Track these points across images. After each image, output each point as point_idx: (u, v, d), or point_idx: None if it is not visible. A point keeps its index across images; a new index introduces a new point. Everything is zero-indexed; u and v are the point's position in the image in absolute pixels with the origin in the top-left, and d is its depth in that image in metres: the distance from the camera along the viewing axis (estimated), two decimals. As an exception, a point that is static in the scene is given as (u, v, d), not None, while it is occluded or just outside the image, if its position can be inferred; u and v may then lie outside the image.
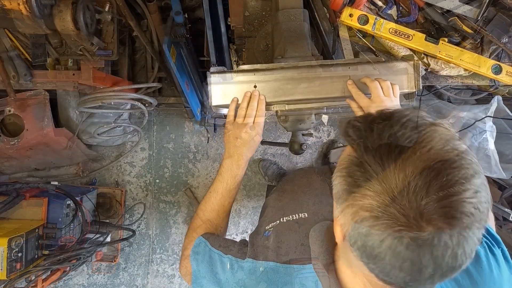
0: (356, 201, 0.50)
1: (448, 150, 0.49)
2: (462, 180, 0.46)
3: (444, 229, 0.46)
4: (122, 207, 2.37)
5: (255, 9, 1.29)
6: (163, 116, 2.41)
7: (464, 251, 0.47)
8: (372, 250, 0.50)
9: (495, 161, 1.61)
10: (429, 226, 0.46)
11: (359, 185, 0.50)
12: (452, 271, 0.49)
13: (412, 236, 0.46)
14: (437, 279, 0.49)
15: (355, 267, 0.62)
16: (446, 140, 0.50)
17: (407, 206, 0.46)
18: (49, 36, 1.54)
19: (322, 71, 1.03)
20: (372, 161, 0.50)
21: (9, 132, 1.86)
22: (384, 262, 0.50)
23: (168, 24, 1.41)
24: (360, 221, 0.50)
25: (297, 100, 1.06)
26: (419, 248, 0.47)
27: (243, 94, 1.04)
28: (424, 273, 0.48)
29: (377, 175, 0.49)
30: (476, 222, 0.47)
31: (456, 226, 0.46)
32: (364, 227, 0.50)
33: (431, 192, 0.46)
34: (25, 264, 1.53)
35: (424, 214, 0.46)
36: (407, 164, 0.48)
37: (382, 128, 0.51)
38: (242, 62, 1.46)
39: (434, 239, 0.46)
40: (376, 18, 1.25)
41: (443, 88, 1.79)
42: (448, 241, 0.46)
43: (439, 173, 0.47)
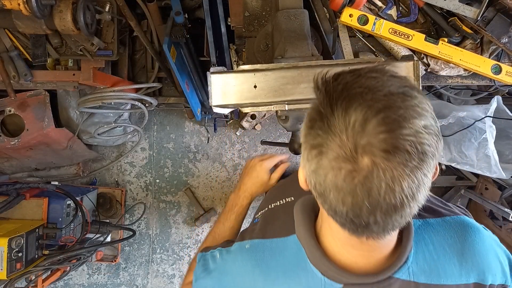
0: (309, 141, 0.53)
1: (394, 93, 0.50)
2: (401, 119, 0.48)
3: (378, 163, 0.47)
4: (122, 207, 2.37)
5: (255, 9, 1.29)
6: (163, 116, 2.42)
7: (401, 189, 0.48)
8: (320, 186, 0.53)
9: (495, 161, 1.61)
10: (365, 159, 0.47)
11: (312, 126, 0.53)
12: (395, 211, 0.50)
13: (349, 168, 0.48)
14: (380, 217, 0.50)
15: (326, 221, 0.65)
16: (398, 86, 0.51)
17: (346, 141, 0.48)
18: (49, 36, 1.54)
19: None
20: (326, 104, 0.52)
21: (9, 132, 1.86)
22: (330, 198, 0.52)
23: (168, 24, 1.41)
24: (311, 158, 0.53)
25: (297, 100, 1.06)
26: (355, 180, 0.48)
27: (243, 94, 1.04)
28: (363, 207, 0.49)
29: (328, 117, 0.51)
30: (414, 161, 0.47)
31: (390, 160, 0.47)
32: (313, 164, 0.52)
33: (370, 128, 0.47)
34: (25, 264, 1.53)
35: (360, 147, 0.48)
36: (353, 105, 0.49)
37: (343, 77, 0.53)
38: (242, 62, 1.46)
39: (368, 172, 0.47)
40: (376, 18, 1.25)
41: (443, 88, 1.80)
42: (382, 174, 0.47)
43: (379, 111, 0.48)
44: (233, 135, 2.39)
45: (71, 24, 1.36)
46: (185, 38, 1.42)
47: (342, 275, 0.63)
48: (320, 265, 0.66)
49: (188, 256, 2.43)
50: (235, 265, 0.75)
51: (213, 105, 1.06)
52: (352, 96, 0.50)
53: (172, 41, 1.40)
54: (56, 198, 1.77)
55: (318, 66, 1.04)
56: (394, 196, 0.48)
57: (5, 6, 1.25)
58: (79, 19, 1.36)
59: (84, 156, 2.21)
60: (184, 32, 1.38)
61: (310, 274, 0.67)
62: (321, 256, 0.65)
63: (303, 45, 1.09)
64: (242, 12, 1.25)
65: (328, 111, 0.51)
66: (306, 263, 0.67)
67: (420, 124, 0.48)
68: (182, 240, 2.43)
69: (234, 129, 2.39)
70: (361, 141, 0.47)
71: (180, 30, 1.37)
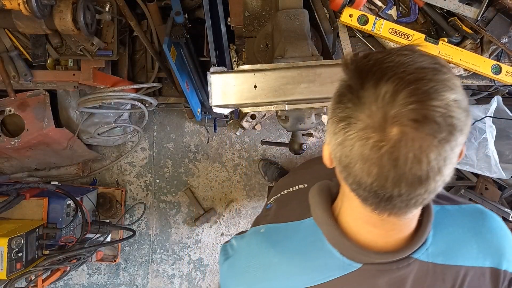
0: (337, 115, 0.53)
1: (425, 68, 0.50)
2: (432, 91, 0.48)
3: (407, 132, 0.47)
4: (122, 207, 2.37)
5: (255, 9, 1.29)
6: (163, 116, 2.42)
7: (428, 160, 0.48)
8: (346, 158, 0.53)
9: (495, 161, 1.61)
10: (394, 129, 0.47)
11: (341, 100, 0.54)
12: (420, 183, 0.50)
13: (377, 138, 0.48)
14: (404, 189, 0.50)
15: (347, 200, 0.64)
16: (429, 62, 0.51)
17: (376, 111, 0.49)
18: (49, 36, 1.54)
19: (322, 71, 1.03)
20: (357, 77, 0.52)
21: (9, 132, 1.86)
22: (355, 170, 0.52)
23: (168, 24, 1.41)
24: (338, 131, 0.53)
25: (297, 100, 1.06)
26: (382, 150, 0.48)
27: (243, 94, 1.04)
28: (388, 178, 0.49)
29: (358, 89, 0.51)
30: (442, 132, 0.48)
31: (419, 130, 0.47)
32: (340, 136, 0.52)
33: (400, 99, 0.48)
34: (25, 264, 1.53)
35: (389, 117, 0.48)
36: (384, 78, 0.50)
37: (374, 55, 0.54)
38: (242, 62, 1.46)
39: (396, 141, 0.47)
40: (376, 18, 1.25)
41: (443, 88, 1.79)
42: (410, 144, 0.47)
43: (410, 83, 0.48)
44: (233, 135, 2.39)
45: (71, 24, 1.36)
46: (185, 38, 1.42)
47: (362, 253, 0.63)
48: (339, 245, 0.65)
49: (188, 256, 2.43)
50: (250, 247, 0.75)
51: (213, 105, 1.06)
52: (383, 70, 0.50)
53: (172, 41, 1.40)
54: (56, 198, 1.77)
55: (318, 66, 1.04)
56: (420, 168, 0.48)
57: (5, 6, 1.25)
58: (79, 19, 1.36)
59: (84, 156, 2.21)
60: (184, 32, 1.38)
61: (327, 254, 0.66)
62: (340, 235, 0.65)
63: (303, 45, 1.09)
64: (242, 12, 1.25)
65: (358, 84, 0.51)
66: (323, 243, 0.67)
67: (450, 97, 0.48)
68: (182, 240, 2.43)
69: (234, 129, 2.39)
70: (391, 111, 0.48)
71: (180, 30, 1.37)
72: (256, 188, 2.39)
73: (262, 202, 2.38)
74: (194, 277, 2.43)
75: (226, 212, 2.41)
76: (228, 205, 2.41)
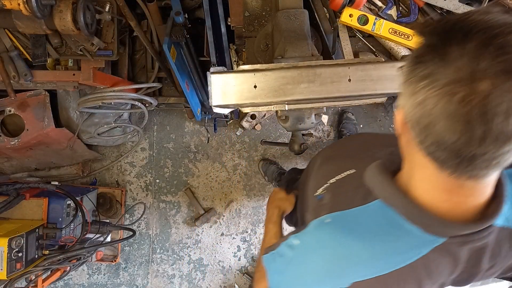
0: (417, 74, 0.51)
1: (510, 21, 0.49)
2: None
3: (498, 84, 0.45)
4: (122, 207, 2.37)
5: (255, 9, 1.29)
6: (163, 116, 2.41)
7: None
8: (426, 118, 0.51)
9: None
10: (483, 82, 0.45)
11: (421, 61, 0.51)
12: (505, 141, 0.48)
13: (465, 93, 0.46)
14: (489, 147, 0.48)
15: (418, 169, 0.61)
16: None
17: (463, 66, 0.47)
18: (49, 36, 1.54)
19: (322, 71, 1.03)
20: (437, 38, 0.51)
21: (9, 132, 1.86)
22: (436, 129, 0.50)
23: (168, 24, 1.41)
24: (418, 91, 0.51)
25: (297, 100, 1.06)
26: (470, 104, 0.46)
27: (243, 94, 1.04)
28: (474, 134, 0.47)
29: (441, 46, 0.49)
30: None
31: (511, 81, 0.45)
32: (420, 96, 0.50)
33: (488, 52, 0.46)
34: (25, 264, 1.53)
35: (478, 70, 0.46)
36: (469, 34, 0.48)
37: (451, 17, 0.52)
38: (242, 62, 1.47)
39: (486, 95, 0.45)
40: (376, 18, 1.25)
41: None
42: (500, 98, 0.45)
43: (498, 36, 0.47)
44: (233, 135, 2.39)
45: (71, 24, 1.36)
46: (185, 38, 1.42)
47: (448, 226, 0.61)
48: (420, 222, 0.63)
49: (188, 256, 2.43)
50: (320, 240, 0.71)
51: (213, 105, 1.06)
52: (467, 27, 0.49)
53: (172, 41, 1.40)
54: (56, 198, 1.77)
55: (318, 66, 1.04)
56: (508, 123, 0.46)
57: (5, 6, 1.25)
58: (79, 19, 1.36)
59: (84, 156, 2.21)
60: (184, 32, 1.38)
61: (408, 234, 0.64)
62: (420, 212, 0.62)
63: (303, 45, 1.09)
64: (242, 12, 1.25)
65: (441, 42, 0.50)
66: (401, 223, 0.64)
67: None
68: (182, 240, 2.43)
69: (234, 129, 2.39)
70: (480, 64, 0.46)
71: (180, 30, 1.37)
72: (256, 188, 2.39)
73: (262, 202, 2.38)
74: (194, 277, 2.43)
75: (226, 212, 2.41)
76: (228, 205, 2.41)
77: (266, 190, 2.38)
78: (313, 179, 1.03)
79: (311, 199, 0.90)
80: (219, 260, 2.42)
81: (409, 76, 0.53)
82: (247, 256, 2.41)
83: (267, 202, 1.31)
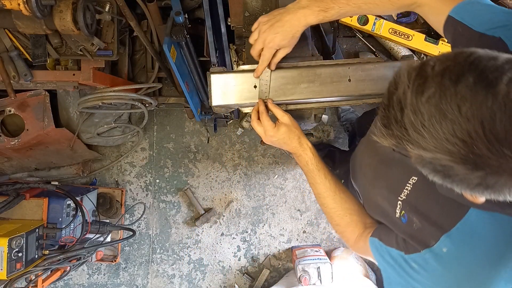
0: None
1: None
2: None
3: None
4: (123, 207, 2.37)
5: (255, 9, 1.29)
6: (163, 116, 2.42)
7: None
8: None
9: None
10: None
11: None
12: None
13: None
14: None
15: None
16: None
17: None
18: (49, 36, 1.54)
19: (322, 71, 1.03)
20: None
21: (9, 132, 1.86)
22: None
23: (168, 24, 1.41)
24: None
25: (297, 100, 1.06)
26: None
27: (243, 94, 1.04)
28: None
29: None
30: None
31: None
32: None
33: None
34: (25, 264, 1.53)
35: None
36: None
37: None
38: (242, 62, 1.47)
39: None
40: (376, 18, 1.25)
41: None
42: None
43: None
44: (233, 135, 2.39)
45: (71, 24, 1.36)
46: (185, 38, 1.42)
47: None
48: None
49: (188, 256, 2.43)
50: (450, 271, 0.70)
51: (213, 105, 1.06)
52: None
53: (172, 41, 1.40)
54: (56, 198, 1.77)
55: (318, 66, 1.04)
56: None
57: (5, 6, 1.25)
58: (79, 19, 1.36)
59: (84, 156, 2.21)
60: (184, 32, 1.38)
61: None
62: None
63: (303, 45, 1.09)
64: (242, 12, 1.25)
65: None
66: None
67: None
68: (182, 240, 2.43)
69: (234, 129, 2.39)
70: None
71: (180, 30, 1.37)
72: (256, 188, 2.39)
73: (262, 202, 2.38)
74: (194, 277, 2.43)
75: (226, 212, 2.41)
76: (228, 205, 2.41)
77: (266, 190, 2.38)
78: (374, 191, 0.96)
79: (390, 217, 0.85)
80: (219, 260, 2.42)
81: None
82: (247, 256, 2.41)
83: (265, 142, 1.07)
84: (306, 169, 1.01)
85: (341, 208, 0.99)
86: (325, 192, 0.99)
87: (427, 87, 0.52)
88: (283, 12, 0.92)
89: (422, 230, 0.75)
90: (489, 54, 0.51)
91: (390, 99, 0.57)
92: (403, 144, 0.56)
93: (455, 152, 0.50)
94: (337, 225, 1.01)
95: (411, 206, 0.79)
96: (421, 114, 0.52)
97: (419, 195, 0.79)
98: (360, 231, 0.97)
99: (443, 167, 0.53)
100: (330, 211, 1.00)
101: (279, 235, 2.39)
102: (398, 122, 0.55)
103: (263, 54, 0.96)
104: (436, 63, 0.54)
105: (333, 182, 0.99)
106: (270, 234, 2.39)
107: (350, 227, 0.99)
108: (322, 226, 2.37)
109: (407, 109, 0.53)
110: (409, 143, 0.55)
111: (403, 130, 0.55)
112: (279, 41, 0.93)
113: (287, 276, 2.30)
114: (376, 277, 2.25)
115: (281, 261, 2.40)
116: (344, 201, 0.99)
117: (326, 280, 1.98)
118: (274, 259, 2.40)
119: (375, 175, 0.98)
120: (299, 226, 2.38)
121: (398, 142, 0.57)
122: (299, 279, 2.01)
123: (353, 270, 2.13)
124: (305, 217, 2.37)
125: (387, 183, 0.90)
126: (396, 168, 0.88)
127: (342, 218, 0.99)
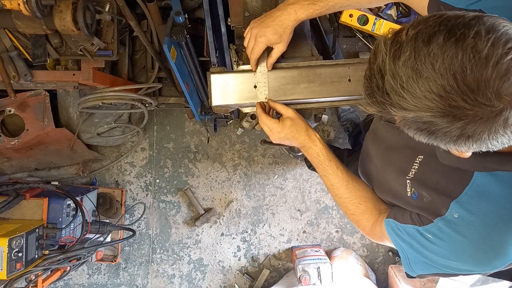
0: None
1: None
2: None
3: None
4: (123, 207, 2.37)
5: (255, 9, 1.29)
6: (163, 116, 2.42)
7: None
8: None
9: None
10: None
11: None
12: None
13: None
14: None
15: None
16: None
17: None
18: (49, 36, 1.54)
19: (322, 71, 1.03)
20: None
21: (9, 132, 1.86)
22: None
23: (168, 24, 1.41)
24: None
25: (297, 100, 1.06)
26: None
27: (243, 94, 1.04)
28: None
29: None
30: None
31: None
32: None
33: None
34: (25, 264, 1.53)
35: None
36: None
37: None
38: (242, 62, 1.46)
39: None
40: (376, 18, 1.25)
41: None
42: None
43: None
44: (233, 135, 2.39)
45: (71, 24, 1.36)
46: (185, 38, 1.42)
47: None
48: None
49: (188, 256, 2.43)
50: (462, 235, 0.72)
51: (213, 105, 1.06)
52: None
53: (172, 41, 1.40)
54: (56, 198, 1.77)
55: (318, 66, 1.04)
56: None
57: (5, 6, 1.25)
58: (79, 19, 1.36)
59: (84, 156, 2.21)
60: (184, 32, 1.38)
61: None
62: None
63: (303, 45, 1.09)
64: (242, 12, 1.25)
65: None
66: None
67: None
68: (182, 240, 2.43)
69: (234, 129, 2.39)
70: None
71: (180, 30, 1.37)
72: (256, 188, 2.39)
73: (262, 202, 2.38)
74: (194, 277, 2.43)
75: (226, 212, 2.41)
76: (228, 205, 2.41)
77: (266, 190, 2.38)
78: (384, 177, 0.98)
79: (403, 198, 0.87)
80: (219, 260, 2.42)
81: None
82: (247, 256, 2.41)
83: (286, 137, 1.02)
84: (317, 160, 1.01)
85: (356, 197, 0.99)
86: (338, 183, 0.99)
87: (403, 51, 0.55)
88: (273, 10, 0.96)
89: (433, 202, 0.78)
90: (457, 14, 0.55)
91: (371, 69, 0.60)
92: (387, 109, 0.59)
93: (434, 107, 0.54)
94: (352, 215, 1.02)
95: (420, 182, 0.82)
96: (400, 77, 0.55)
97: (426, 170, 0.82)
98: (375, 217, 0.98)
99: (425, 124, 0.56)
100: (344, 201, 1.01)
101: (279, 235, 2.39)
102: (380, 89, 0.58)
103: (254, 47, 0.98)
104: (409, 29, 0.57)
105: (345, 171, 1.00)
106: (270, 234, 2.39)
107: (365, 214, 1.00)
108: (322, 226, 2.37)
109: (387, 75, 0.57)
110: (392, 106, 0.58)
111: (385, 95, 0.58)
112: (270, 34, 0.95)
113: (287, 276, 2.30)
114: (376, 277, 2.26)
115: (281, 261, 2.40)
116: (357, 189, 1.00)
117: (326, 280, 1.98)
118: (274, 259, 2.40)
119: (383, 162, 0.99)
120: (299, 226, 2.38)
121: (382, 108, 0.60)
122: (299, 279, 2.01)
123: (353, 270, 2.13)
124: (305, 217, 2.37)
125: (395, 167, 0.91)
126: (402, 151, 0.90)
127: (357, 207, 1.00)
